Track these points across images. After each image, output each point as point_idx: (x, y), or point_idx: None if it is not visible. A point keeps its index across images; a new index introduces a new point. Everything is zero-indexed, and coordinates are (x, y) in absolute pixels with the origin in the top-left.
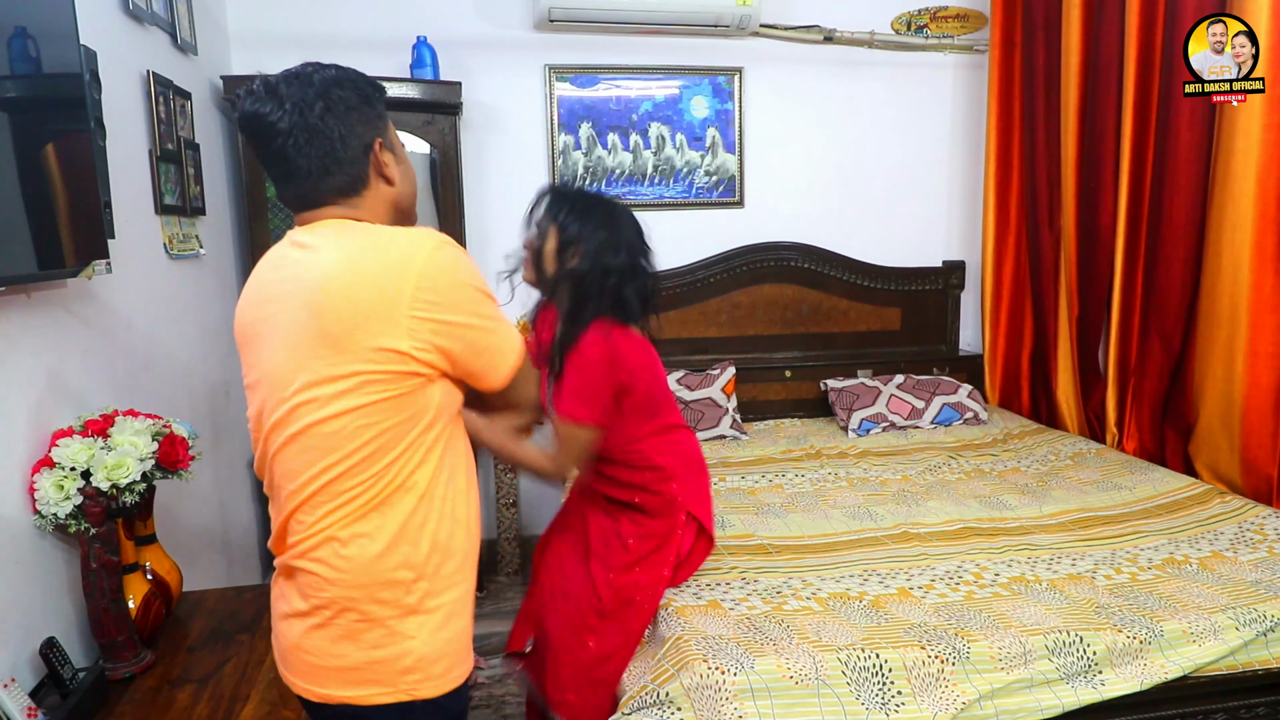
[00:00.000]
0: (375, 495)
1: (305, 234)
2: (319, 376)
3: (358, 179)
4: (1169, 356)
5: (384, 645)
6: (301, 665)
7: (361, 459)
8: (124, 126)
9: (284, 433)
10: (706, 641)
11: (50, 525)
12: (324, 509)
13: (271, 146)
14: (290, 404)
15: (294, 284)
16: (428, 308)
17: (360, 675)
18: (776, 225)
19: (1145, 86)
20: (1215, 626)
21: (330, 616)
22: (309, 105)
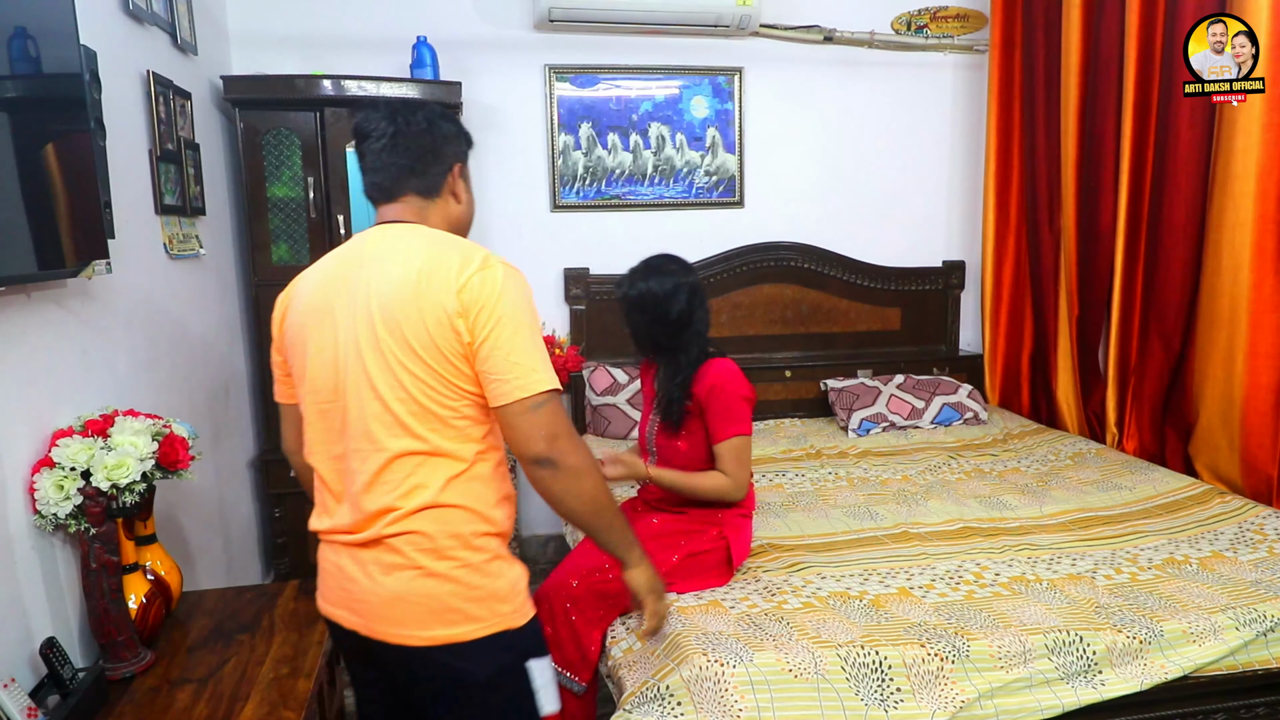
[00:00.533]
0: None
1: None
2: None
3: (433, 187)
4: (1169, 356)
5: (480, 585)
6: (402, 615)
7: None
8: (124, 126)
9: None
10: (706, 637)
11: (50, 525)
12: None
13: (374, 145)
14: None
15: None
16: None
17: (461, 614)
18: (776, 225)
19: (1145, 86)
20: (1215, 626)
21: (424, 564)
22: (415, 121)
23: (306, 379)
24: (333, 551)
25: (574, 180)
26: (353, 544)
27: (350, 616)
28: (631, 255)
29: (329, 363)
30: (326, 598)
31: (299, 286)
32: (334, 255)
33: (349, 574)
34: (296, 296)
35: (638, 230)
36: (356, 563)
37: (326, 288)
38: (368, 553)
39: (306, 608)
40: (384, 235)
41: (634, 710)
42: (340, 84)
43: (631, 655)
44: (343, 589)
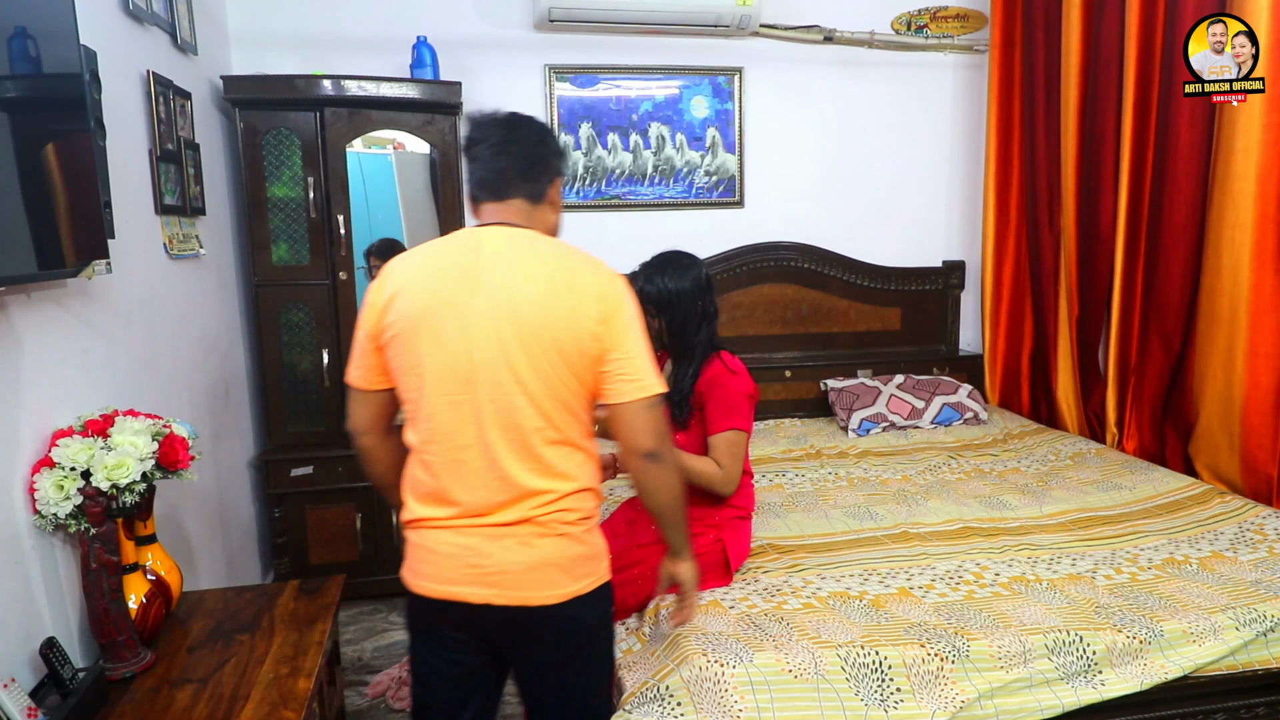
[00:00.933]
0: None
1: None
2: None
3: (538, 194)
4: (1169, 356)
5: (595, 544)
6: (541, 579)
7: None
8: (124, 126)
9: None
10: (706, 638)
11: (50, 525)
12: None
13: (487, 148)
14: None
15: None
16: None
17: (584, 570)
18: (776, 225)
19: (1145, 86)
20: (1215, 626)
21: (566, 533)
22: (530, 131)
23: (429, 373)
24: (454, 534)
25: (574, 180)
26: (488, 525)
27: (480, 591)
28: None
29: (461, 356)
30: (444, 579)
31: (409, 274)
32: (443, 248)
33: (481, 551)
34: (406, 286)
35: (638, 230)
36: (491, 539)
37: (447, 283)
38: (507, 529)
39: (306, 608)
40: (507, 237)
41: (634, 710)
42: (340, 84)
43: (631, 655)
44: (471, 566)
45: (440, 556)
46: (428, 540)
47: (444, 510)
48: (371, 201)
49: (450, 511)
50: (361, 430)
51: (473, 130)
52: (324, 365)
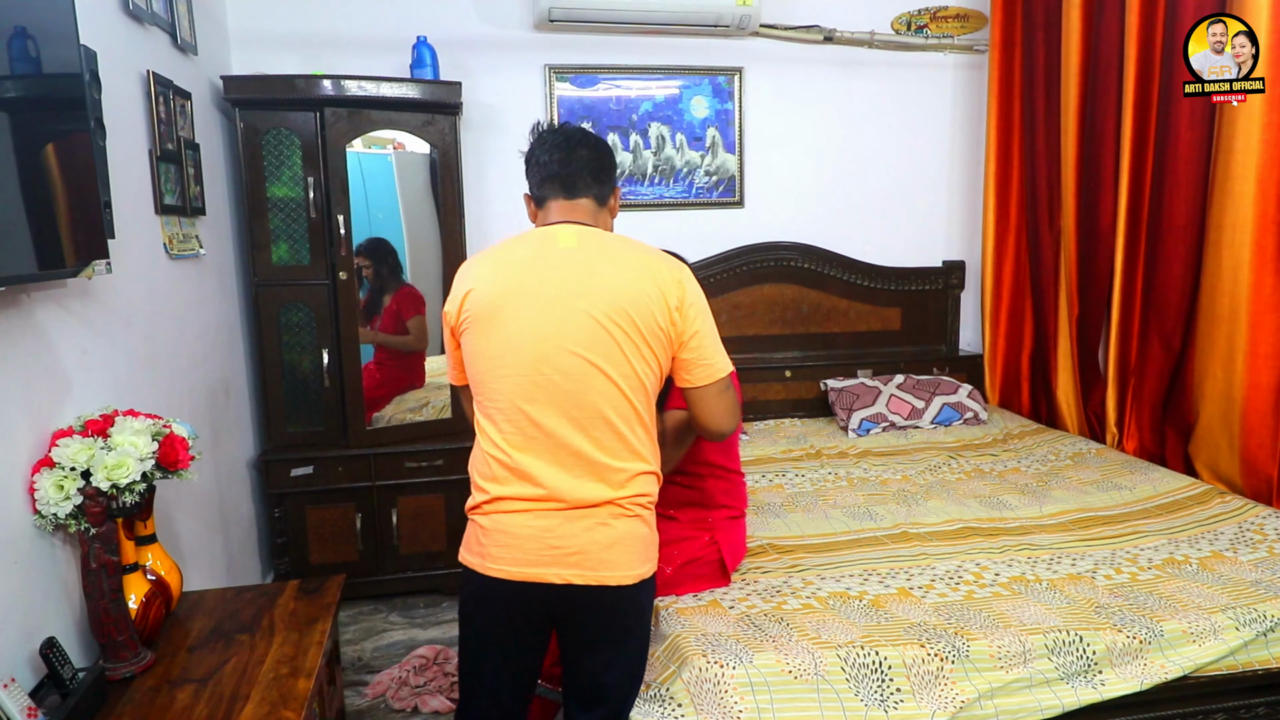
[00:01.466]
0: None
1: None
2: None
3: (604, 196)
4: (1169, 356)
5: (655, 531)
6: (618, 559)
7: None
8: (124, 126)
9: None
10: (706, 639)
11: (50, 525)
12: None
13: (557, 151)
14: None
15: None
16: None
17: (648, 555)
18: (776, 225)
19: (1145, 86)
20: (1215, 626)
21: (639, 514)
22: (596, 140)
23: (508, 353)
24: (533, 517)
25: None
26: (568, 507)
27: (562, 571)
28: None
29: (538, 336)
30: (524, 561)
31: (483, 271)
32: (517, 245)
33: (560, 532)
34: (481, 280)
35: (638, 230)
36: (570, 520)
37: (522, 272)
38: (586, 511)
39: (306, 608)
40: (578, 233)
41: (636, 712)
42: (340, 84)
43: None
44: (551, 547)
45: (520, 539)
46: (504, 524)
47: (523, 490)
48: (371, 201)
49: (529, 492)
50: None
51: (540, 135)
52: (324, 365)
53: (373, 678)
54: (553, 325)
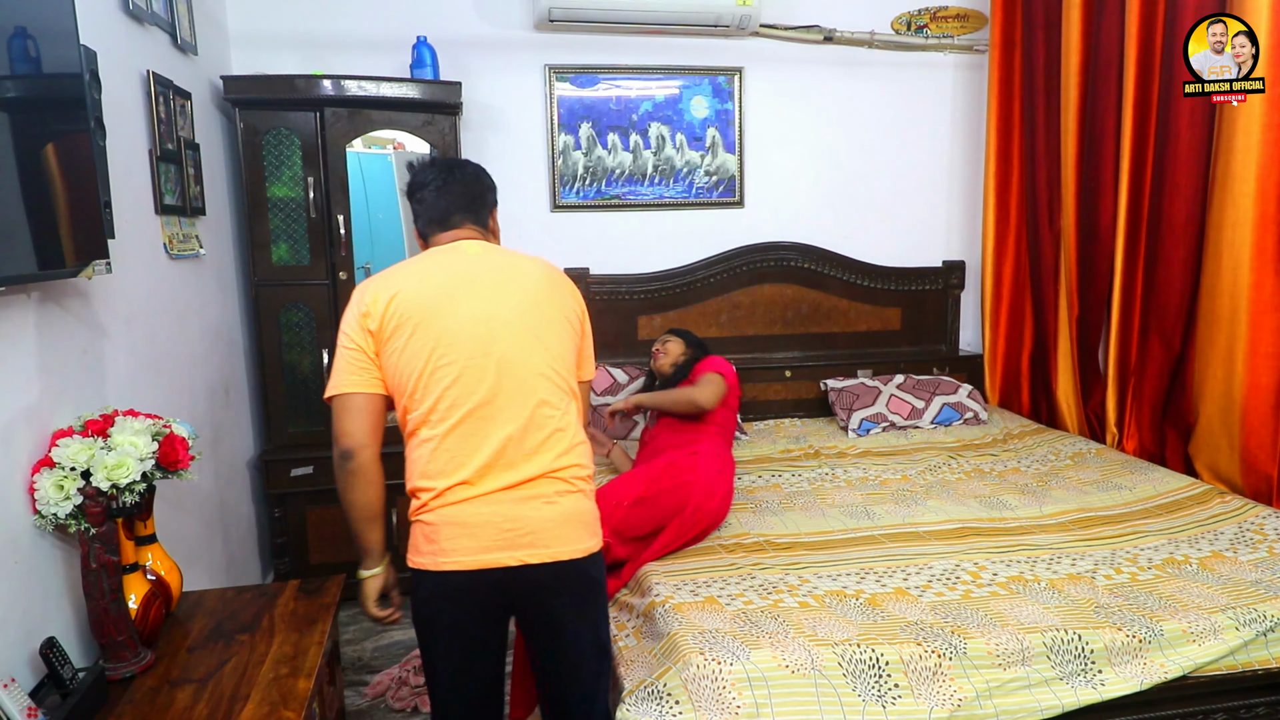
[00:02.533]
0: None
1: (473, 246)
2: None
3: (484, 222)
4: (1169, 356)
5: (594, 505)
6: (569, 533)
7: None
8: (124, 126)
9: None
10: (703, 635)
11: (50, 525)
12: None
13: (429, 190)
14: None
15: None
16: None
17: (594, 528)
18: (776, 225)
19: (1145, 86)
20: (1215, 626)
21: (582, 489)
22: (464, 170)
23: (448, 345)
24: (483, 504)
25: (574, 180)
26: (512, 486)
27: (513, 554)
28: (631, 255)
29: (482, 321)
30: (479, 550)
31: (403, 279)
32: (426, 257)
33: (512, 515)
34: (406, 283)
35: (638, 230)
36: (519, 503)
37: (449, 274)
38: (532, 488)
39: (306, 608)
40: (483, 246)
41: (632, 708)
42: (340, 84)
43: (629, 653)
44: (503, 532)
45: (473, 527)
46: (453, 516)
47: (468, 477)
48: (371, 201)
49: (477, 479)
50: (361, 444)
51: (414, 175)
52: (324, 365)
53: (373, 678)
54: (498, 306)
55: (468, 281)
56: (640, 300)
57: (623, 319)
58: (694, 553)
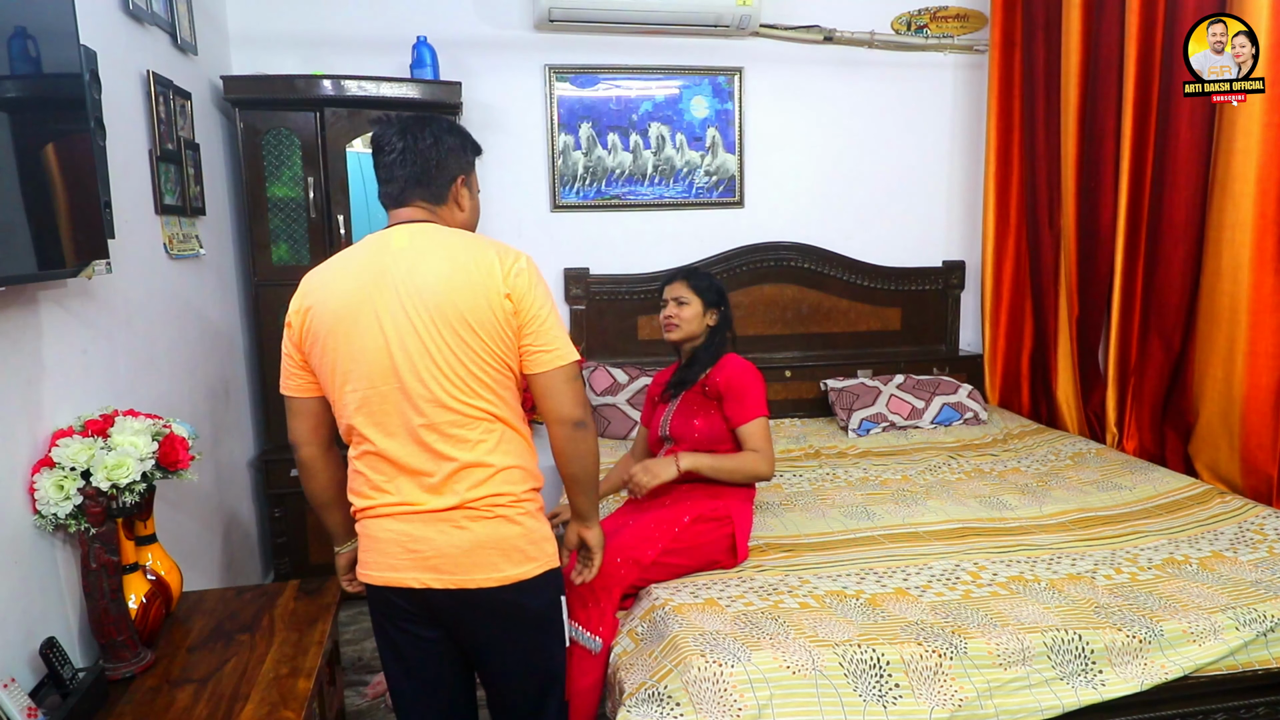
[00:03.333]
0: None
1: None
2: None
3: (439, 196)
4: (1169, 356)
5: (536, 528)
6: (477, 562)
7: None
8: (124, 126)
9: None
10: (704, 637)
11: (50, 525)
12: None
13: (386, 159)
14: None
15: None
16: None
17: (524, 554)
18: (776, 225)
19: (1145, 86)
20: (1215, 626)
21: (503, 514)
22: (422, 137)
23: (350, 369)
24: (396, 522)
25: (574, 180)
26: (424, 511)
27: (422, 576)
28: (631, 255)
29: (380, 350)
30: (388, 566)
31: (318, 282)
32: (353, 254)
33: (418, 536)
34: (320, 294)
35: (638, 230)
36: (427, 524)
37: (360, 284)
38: (442, 515)
39: (306, 608)
40: (411, 232)
41: (633, 711)
42: (340, 84)
43: (628, 656)
44: (410, 551)
45: (382, 543)
46: (370, 529)
47: (383, 498)
48: (371, 201)
49: (389, 499)
50: (302, 442)
51: (375, 140)
52: None
53: (373, 678)
54: (391, 332)
55: (375, 293)
56: (640, 300)
57: (623, 319)
58: None
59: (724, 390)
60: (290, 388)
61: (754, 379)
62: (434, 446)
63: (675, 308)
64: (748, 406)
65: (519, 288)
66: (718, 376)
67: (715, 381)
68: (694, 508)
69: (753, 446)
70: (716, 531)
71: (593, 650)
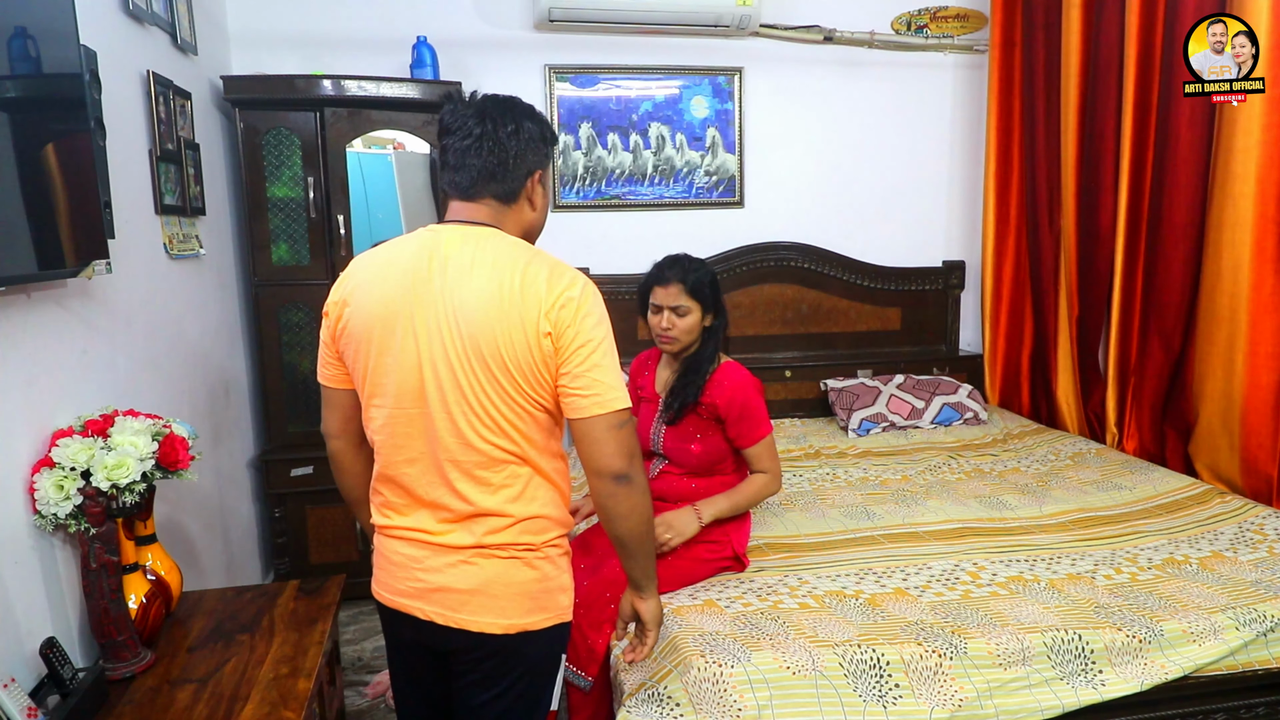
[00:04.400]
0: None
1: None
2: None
3: (512, 193)
4: (1169, 356)
5: (553, 577)
6: (482, 605)
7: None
8: (124, 126)
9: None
10: (703, 638)
11: (50, 525)
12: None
13: (459, 143)
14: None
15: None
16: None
17: (536, 604)
18: (776, 225)
19: (1145, 86)
20: (1215, 626)
21: (519, 555)
22: (503, 123)
23: (380, 384)
24: (408, 546)
25: (574, 180)
26: (436, 544)
27: (426, 607)
28: (631, 255)
29: (412, 370)
30: (395, 590)
31: (362, 278)
32: (401, 249)
33: (427, 565)
34: (361, 292)
35: (638, 230)
36: (439, 555)
37: (399, 290)
38: (456, 550)
39: (306, 608)
40: (463, 238)
41: (633, 711)
42: (340, 84)
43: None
44: (416, 579)
45: (392, 565)
46: (383, 547)
47: (400, 519)
48: (371, 201)
49: (405, 523)
50: (332, 434)
51: (445, 119)
52: None
53: (373, 678)
54: (425, 355)
55: (415, 304)
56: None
57: (623, 319)
58: None
59: (725, 413)
60: (325, 376)
61: (756, 394)
62: (455, 485)
63: (673, 318)
64: (755, 427)
65: (562, 321)
66: (717, 396)
67: (715, 403)
68: (699, 551)
69: (762, 467)
70: (716, 554)
71: (583, 689)
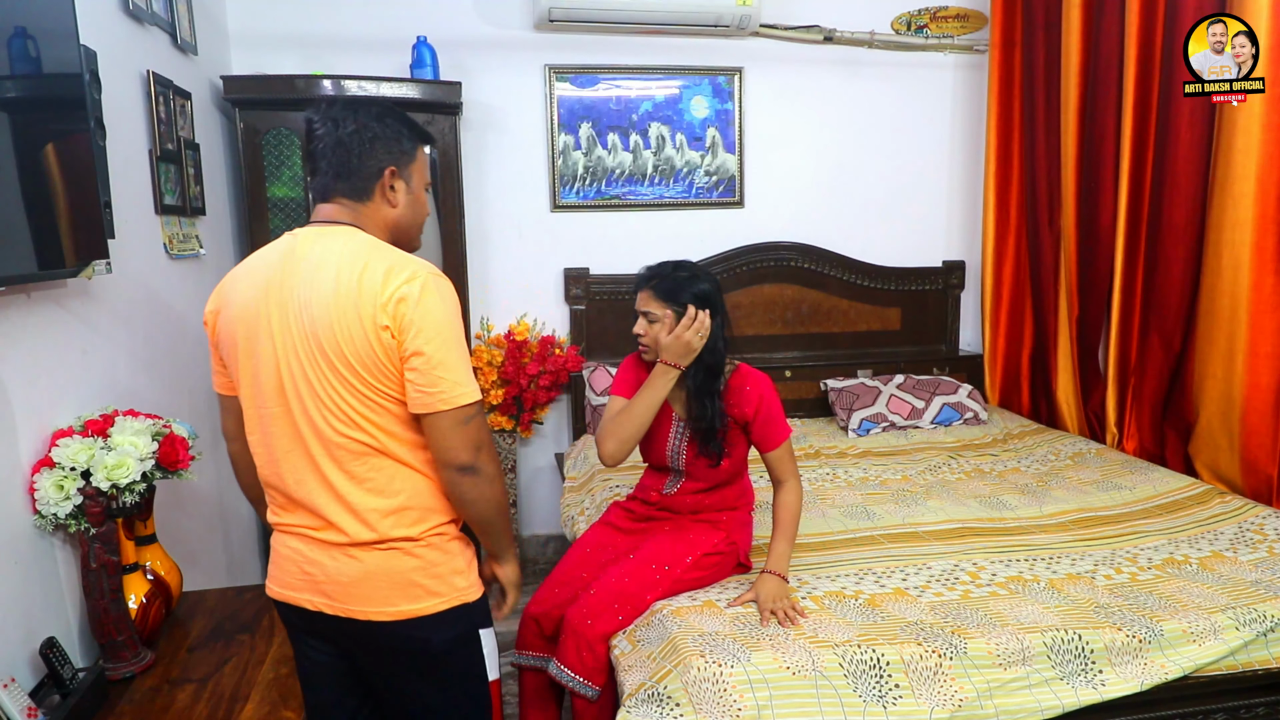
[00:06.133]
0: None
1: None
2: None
3: (362, 190)
4: (1169, 356)
5: (440, 561)
6: (369, 593)
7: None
8: (124, 126)
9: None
10: (703, 638)
11: (50, 525)
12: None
13: (309, 146)
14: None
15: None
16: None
17: (424, 589)
18: (776, 225)
19: (1145, 86)
20: (1215, 626)
21: (399, 547)
22: (344, 123)
23: (246, 384)
24: (294, 540)
25: (574, 180)
26: (316, 540)
27: (314, 598)
28: (631, 255)
29: (271, 369)
30: (284, 583)
31: (231, 286)
32: (267, 254)
33: (312, 559)
34: (229, 297)
35: (638, 230)
36: (320, 550)
37: (258, 293)
38: (334, 545)
39: None
40: (316, 238)
41: (632, 711)
42: (340, 84)
43: (629, 658)
44: (305, 573)
45: (282, 559)
46: (275, 543)
47: (282, 517)
48: None
49: (289, 519)
50: (230, 437)
51: (306, 122)
52: None
53: None
54: (282, 357)
55: (272, 305)
56: None
57: (622, 319)
58: None
59: (752, 416)
60: (216, 384)
61: (776, 394)
62: (327, 477)
63: (644, 325)
64: (779, 429)
65: (400, 316)
66: (744, 404)
67: (743, 409)
68: (697, 544)
69: (784, 472)
70: (723, 562)
71: (590, 699)
